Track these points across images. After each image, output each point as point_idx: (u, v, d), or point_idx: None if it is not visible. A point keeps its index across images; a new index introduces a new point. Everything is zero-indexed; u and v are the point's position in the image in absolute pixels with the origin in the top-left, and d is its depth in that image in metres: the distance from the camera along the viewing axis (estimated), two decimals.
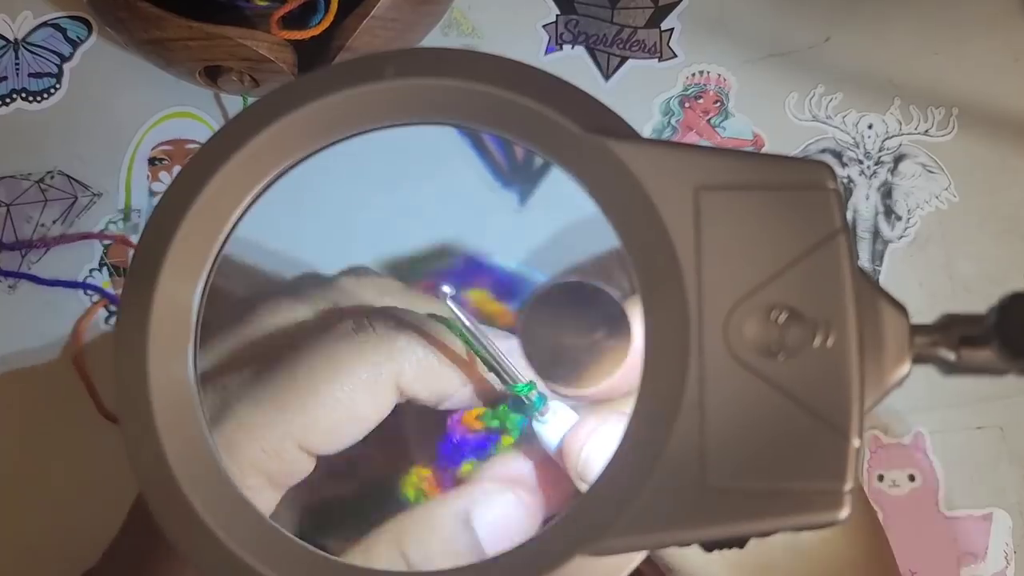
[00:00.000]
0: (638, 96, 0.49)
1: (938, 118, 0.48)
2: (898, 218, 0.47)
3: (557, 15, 0.50)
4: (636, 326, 0.22)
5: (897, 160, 0.47)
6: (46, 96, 0.49)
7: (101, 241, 0.47)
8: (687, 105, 0.48)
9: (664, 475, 0.18)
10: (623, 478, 0.19)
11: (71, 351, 0.46)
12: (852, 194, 0.47)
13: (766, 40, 0.49)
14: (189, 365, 0.20)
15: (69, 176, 0.49)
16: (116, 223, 0.48)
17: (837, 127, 0.48)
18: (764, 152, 0.48)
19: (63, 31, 0.50)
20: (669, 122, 0.48)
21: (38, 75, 0.50)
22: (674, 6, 0.49)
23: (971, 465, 0.45)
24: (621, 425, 0.19)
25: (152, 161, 0.49)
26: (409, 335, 0.22)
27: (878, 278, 0.46)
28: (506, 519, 0.22)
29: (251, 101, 0.37)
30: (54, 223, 0.48)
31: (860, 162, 0.48)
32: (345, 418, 0.22)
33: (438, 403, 0.23)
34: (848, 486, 0.18)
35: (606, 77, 0.49)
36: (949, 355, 0.20)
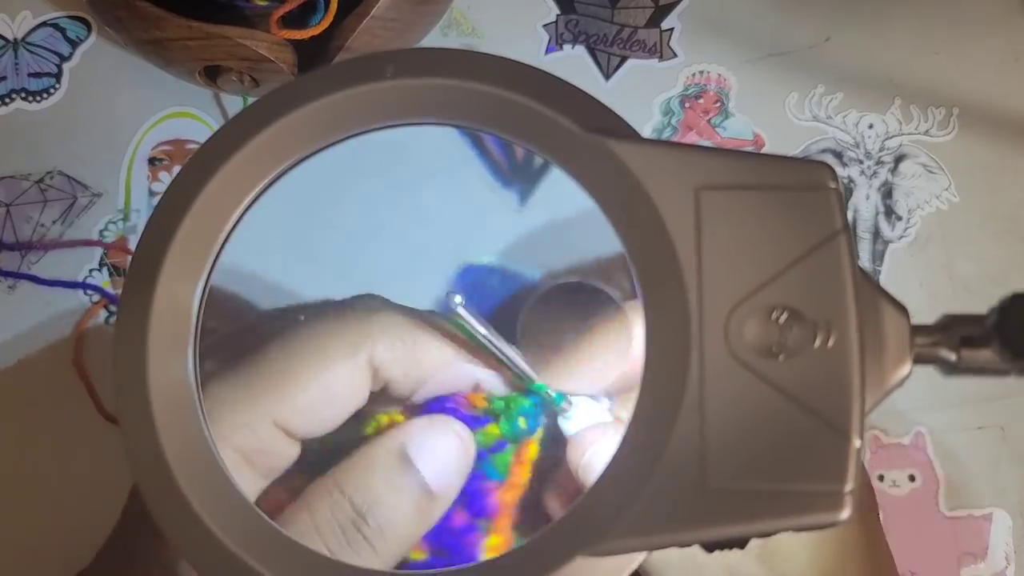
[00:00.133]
0: (638, 96, 0.49)
1: (938, 118, 0.48)
2: (898, 218, 0.47)
3: (557, 15, 0.50)
4: (636, 327, 0.22)
5: (897, 160, 0.47)
6: (46, 96, 0.49)
7: (102, 248, 0.47)
8: (687, 105, 0.48)
9: (664, 476, 0.18)
10: (624, 479, 0.19)
11: (71, 351, 0.46)
12: (852, 194, 0.47)
13: (766, 40, 0.49)
14: (189, 365, 0.20)
15: (69, 176, 0.48)
16: (116, 223, 0.48)
17: (837, 127, 0.48)
18: (764, 152, 0.47)
19: (62, 31, 0.50)
20: (669, 122, 0.48)
21: (37, 75, 0.50)
22: (674, 6, 0.49)
23: (971, 465, 0.44)
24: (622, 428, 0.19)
25: (152, 161, 0.49)
26: (387, 315, 0.22)
27: (878, 278, 0.46)
28: (443, 450, 0.22)
29: (251, 101, 0.37)
30: (54, 223, 0.48)
31: (860, 162, 0.47)
32: (319, 396, 0.21)
33: (413, 391, 0.23)
34: (849, 487, 0.18)
35: (606, 77, 0.49)
36: (950, 355, 0.20)
